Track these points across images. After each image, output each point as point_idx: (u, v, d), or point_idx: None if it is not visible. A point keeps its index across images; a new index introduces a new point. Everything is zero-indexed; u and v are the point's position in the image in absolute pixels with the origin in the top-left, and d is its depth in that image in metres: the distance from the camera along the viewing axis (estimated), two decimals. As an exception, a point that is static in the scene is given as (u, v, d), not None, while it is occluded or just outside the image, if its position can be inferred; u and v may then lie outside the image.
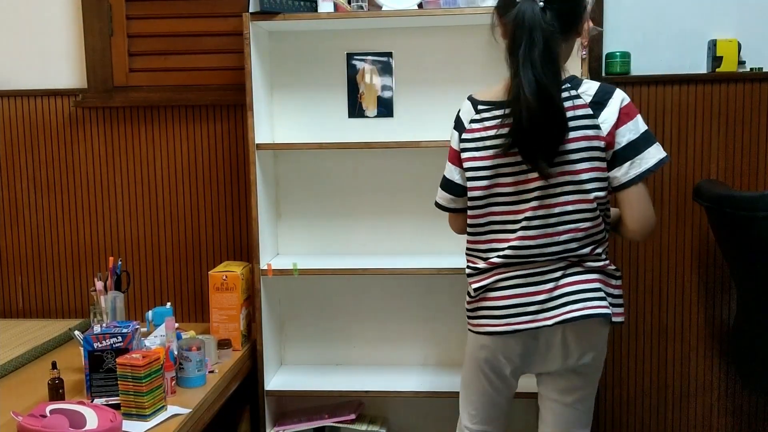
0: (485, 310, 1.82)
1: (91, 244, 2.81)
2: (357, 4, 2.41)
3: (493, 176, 1.77)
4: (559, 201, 1.73)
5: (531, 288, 1.77)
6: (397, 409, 2.67)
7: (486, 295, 1.82)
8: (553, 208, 1.73)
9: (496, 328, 1.80)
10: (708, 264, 2.65)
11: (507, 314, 1.78)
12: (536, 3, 1.66)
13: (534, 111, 1.64)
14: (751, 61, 2.56)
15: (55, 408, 1.71)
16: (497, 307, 1.80)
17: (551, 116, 1.66)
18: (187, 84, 2.75)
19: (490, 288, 1.81)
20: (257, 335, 2.46)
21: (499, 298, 1.79)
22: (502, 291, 1.79)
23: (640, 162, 1.72)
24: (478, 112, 1.80)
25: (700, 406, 2.72)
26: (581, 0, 1.78)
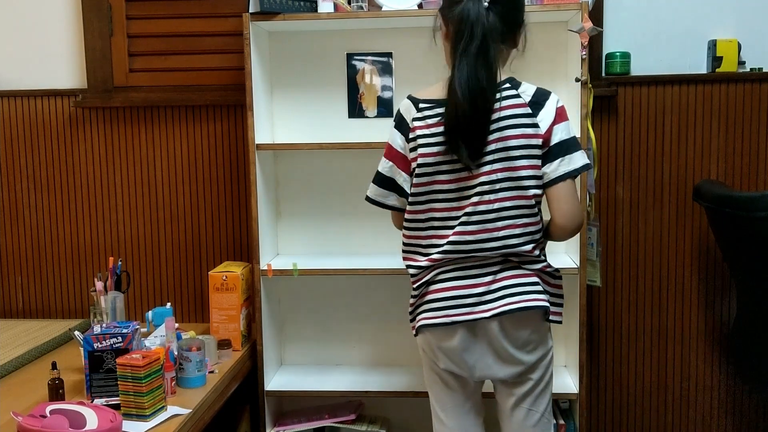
0: (425, 304, 1.85)
1: (91, 244, 2.82)
2: (357, 4, 2.41)
3: (433, 173, 1.80)
4: (499, 197, 1.77)
5: (469, 281, 1.81)
6: (397, 409, 2.67)
7: (426, 289, 1.85)
8: (493, 204, 1.77)
9: (433, 320, 1.82)
10: (708, 264, 2.65)
11: (445, 306, 1.81)
12: (482, 2, 1.72)
13: (463, 107, 1.71)
14: (751, 61, 2.56)
15: (55, 408, 1.71)
16: (436, 299, 1.83)
17: (479, 113, 1.72)
18: (187, 84, 2.75)
19: (431, 282, 1.84)
20: (257, 335, 2.46)
21: (438, 290, 1.83)
22: (441, 284, 1.82)
23: (569, 161, 1.78)
24: (419, 110, 1.82)
25: (700, 407, 2.72)
26: (522, 9, 1.87)
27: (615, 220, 2.66)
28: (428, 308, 1.84)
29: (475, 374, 1.87)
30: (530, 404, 1.90)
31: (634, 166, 2.64)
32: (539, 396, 1.90)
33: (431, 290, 1.84)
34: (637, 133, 2.63)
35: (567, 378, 2.51)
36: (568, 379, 2.50)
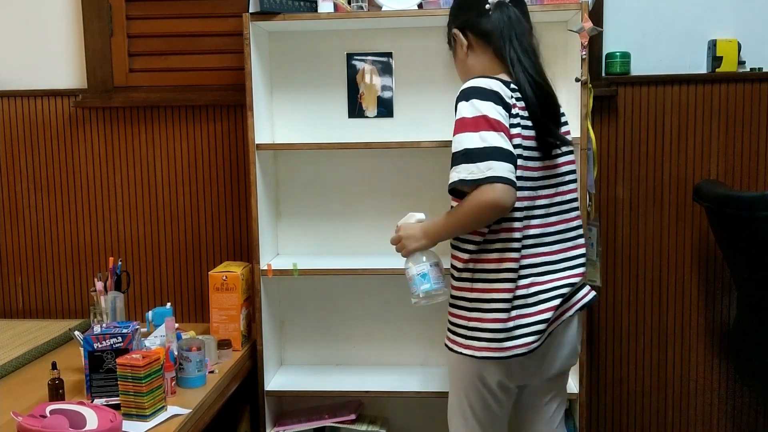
0: (532, 315, 1.81)
1: (91, 244, 2.82)
2: (357, 4, 2.41)
3: (529, 158, 1.78)
4: (571, 188, 1.89)
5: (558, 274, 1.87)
6: (397, 409, 2.67)
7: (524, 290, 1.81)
8: (567, 194, 1.89)
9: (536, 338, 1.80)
10: (708, 264, 2.65)
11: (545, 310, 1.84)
12: (510, 6, 1.84)
13: (546, 93, 1.81)
14: (751, 61, 2.56)
15: (55, 408, 1.71)
16: (538, 302, 1.82)
17: (554, 101, 1.84)
18: (187, 84, 2.75)
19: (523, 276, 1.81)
20: (257, 335, 2.46)
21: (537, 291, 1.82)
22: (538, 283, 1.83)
23: None
24: (512, 90, 1.78)
25: (699, 406, 2.72)
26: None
27: (615, 220, 2.66)
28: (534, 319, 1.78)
29: (545, 375, 1.89)
30: (560, 401, 2.00)
31: (634, 166, 2.64)
32: (565, 394, 2.01)
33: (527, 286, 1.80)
34: (637, 133, 2.63)
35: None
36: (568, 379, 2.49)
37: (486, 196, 1.66)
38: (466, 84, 1.78)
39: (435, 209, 2.58)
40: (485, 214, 1.69)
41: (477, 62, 1.88)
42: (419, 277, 1.87)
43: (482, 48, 1.87)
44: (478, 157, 1.67)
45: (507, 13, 1.81)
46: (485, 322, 1.78)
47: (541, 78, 1.80)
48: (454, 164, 1.71)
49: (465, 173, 1.68)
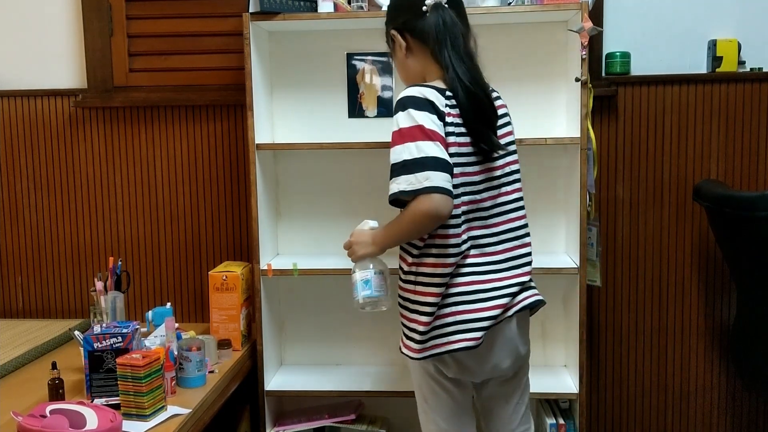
0: (462, 314, 1.83)
1: (91, 244, 2.82)
2: (357, 4, 2.41)
3: (464, 164, 1.80)
4: (515, 188, 1.90)
5: (500, 274, 1.88)
6: (397, 409, 2.67)
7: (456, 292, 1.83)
8: (510, 195, 1.90)
9: (473, 336, 1.82)
10: (708, 264, 2.65)
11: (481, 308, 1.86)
12: (446, 8, 1.83)
13: (480, 99, 1.80)
14: (751, 61, 2.56)
15: (55, 408, 1.71)
16: (470, 303, 1.84)
17: (489, 104, 1.83)
18: (187, 84, 2.75)
19: (459, 282, 1.83)
20: (257, 335, 2.46)
21: (469, 291, 1.84)
22: (472, 282, 1.84)
23: None
24: (447, 98, 1.79)
25: (700, 406, 2.72)
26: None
27: (615, 220, 2.66)
28: (466, 319, 1.80)
29: (485, 374, 1.90)
30: (519, 397, 1.97)
31: (634, 166, 2.64)
32: (525, 389, 1.99)
33: (462, 292, 1.81)
34: (637, 133, 2.63)
35: (567, 378, 2.51)
36: (568, 379, 2.50)
37: (423, 206, 1.69)
38: (402, 93, 1.80)
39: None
40: (423, 224, 1.73)
41: (416, 63, 1.89)
42: (361, 283, 1.92)
43: (420, 50, 1.87)
44: (416, 167, 1.70)
45: (443, 15, 1.81)
46: (418, 323, 1.82)
47: (475, 84, 1.80)
48: (394, 175, 1.75)
49: (405, 184, 1.72)
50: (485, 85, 1.84)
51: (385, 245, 1.89)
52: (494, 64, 2.52)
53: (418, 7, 1.84)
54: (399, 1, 1.96)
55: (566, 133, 2.48)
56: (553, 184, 2.56)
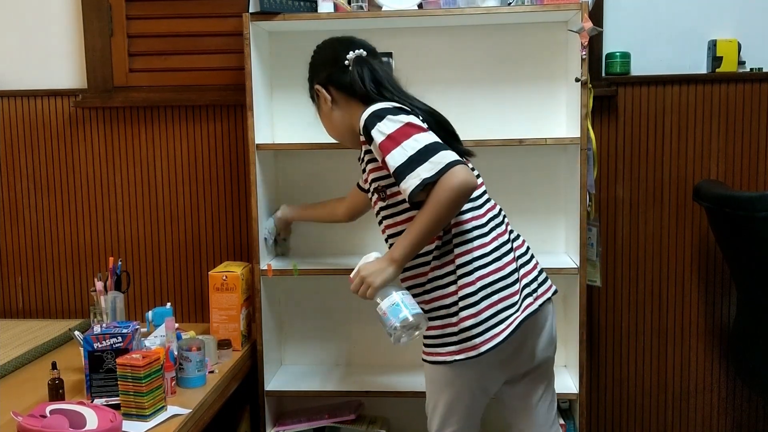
0: (504, 310, 1.84)
1: (91, 244, 2.82)
2: (357, 5, 2.41)
3: None
4: None
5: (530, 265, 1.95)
6: (397, 409, 2.67)
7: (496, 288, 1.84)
8: None
9: (512, 326, 1.83)
10: (708, 264, 2.65)
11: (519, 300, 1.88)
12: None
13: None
14: (751, 61, 2.56)
15: (55, 408, 1.71)
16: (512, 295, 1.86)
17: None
18: (187, 84, 2.75)
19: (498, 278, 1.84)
20: (257, 335, 2.46)
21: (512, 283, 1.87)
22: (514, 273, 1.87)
23: None
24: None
25: (699, 407, 2.72)
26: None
27: (615, 220, 2.66)
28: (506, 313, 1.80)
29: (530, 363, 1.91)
30: (551, 396, 2.00)
31: (634, 166, 2.64)
32: (553, 387, 2.02)
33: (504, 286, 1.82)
34: (637, 133, 2.63)
35: (567, 378, 2.51)
36: (568, 379, 2.50)
37: (453, 181, 1.64)
38: (367, 111, 1.79)
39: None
40: (457, 200, 1.67)
41: (342, 115, 1.97)
42: (392, 309, 1.74)
43: (346, 100, 1.95)
44: (427, 154, 1.67)
45: (367, 65, 1.92)
46: (450, 326, 1.82)
47: (426, 106, 1.90)
48: (406, 174, 1.68)
49: (425, 173, 1.65)
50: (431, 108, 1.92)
51: (409, 255, 1.77)
52: (494, 64, 2.54)
53: (341, 62, 1.94)
54: (321, 58, 2.05)
55: (566, 133, 2.48)
56: (553, 184, 2.56)
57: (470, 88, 2.54)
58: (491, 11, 2.30)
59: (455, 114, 2.00)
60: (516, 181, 2.56)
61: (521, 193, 2.56)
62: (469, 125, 2.52)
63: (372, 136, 1.74)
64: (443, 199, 1.66)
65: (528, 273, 1.88)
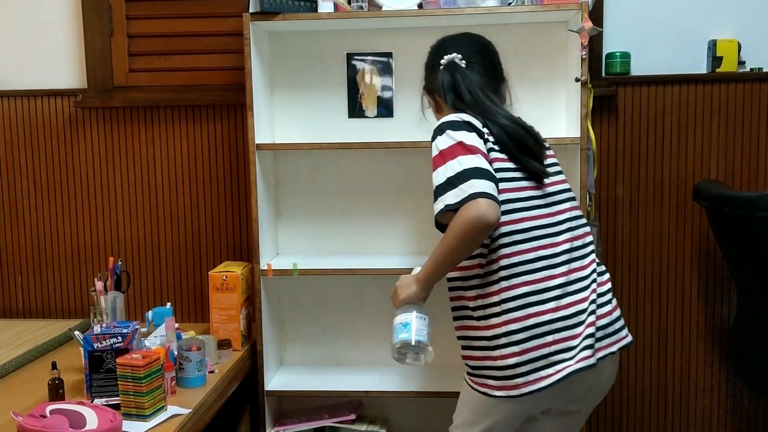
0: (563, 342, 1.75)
1: (91, 244, 2.82)
2: (357, 4, 2.41)
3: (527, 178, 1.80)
4: (566, 207, 1.87)
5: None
6: (397, 409, 2.67)
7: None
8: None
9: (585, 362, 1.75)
10: (708, 264, 2.65)
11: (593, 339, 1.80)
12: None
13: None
14: (751, 61, 2.56)
15: (55, 408, 1.71)
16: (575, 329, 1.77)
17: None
18: (187, 84, 2.75)
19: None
20: (257, 335, 2.46)
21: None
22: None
23: None
24: (483, 125, 1.81)
25: (700, 407, 2.72)
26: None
27: (615, 220, 2.66)
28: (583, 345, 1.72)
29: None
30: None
31: (634, 166, 2.64)
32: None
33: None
34: (637, 133, 2.63)
35: (567, 378, 2.51)
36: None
37: (470, 212, 1.62)
38: (439, 121, 1.81)
39: (435, 209, 2.58)
40: (471, 233, 1.64)
41: (447, 107, 1.93)
42: (400, 326, 1.76)
43: (441, 105, 1.96)
44: (460, 179, 1.67)
45: (454, 70, 1.89)
46: (495, 359, 1.74)
47: (510, 121, 1.82)
48: (439, 194, 1.69)
49: (450, 198, 1.66)
50: (518, 121, 1.85)
51: (430, 277, 1.77)
52: (494, 64, 2.54)
53: (436, 65, 1.95)
54: (427, 61, 2.04)
55: (566, 133, 2.48)
56: (553, 184, 2.55)
57: (470, 88, 2.53)
58: (491, 11, 2.30)
59: (455, 114, 2.01)
60: (516, 181, 2.55)
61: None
62: (469, 125, 2.53)
63: (432, 145, 1.78)
64: (455, 229, 1.65)
65: (601, 317, 1.78)
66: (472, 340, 1.79)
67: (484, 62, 1.93)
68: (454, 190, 1.66)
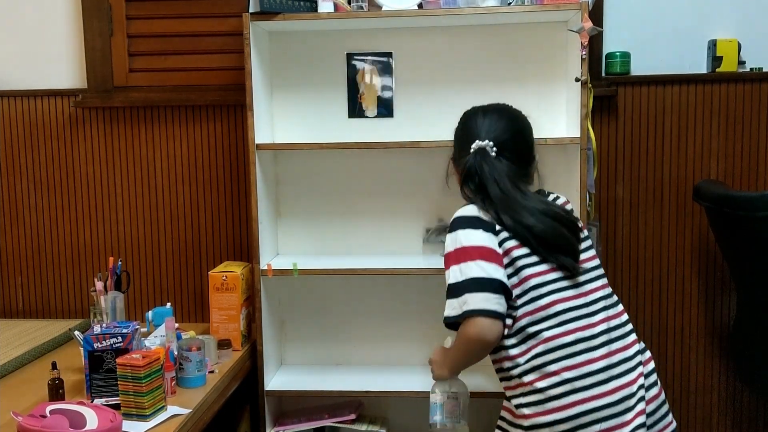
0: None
1: (91, 244, 2.82)
2: (357, 4, 2.41)
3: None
4: (597, 285, 1.81)
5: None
6: (397, 409, 2.67)
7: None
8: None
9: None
10: (708, 264, 2.65)
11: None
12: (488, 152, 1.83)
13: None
14: (751, 61, 2.56)
15: (55, 408, 1.71)
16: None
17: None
18: (187, 84, 2.75)
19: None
20: (257, 335, 2.46)
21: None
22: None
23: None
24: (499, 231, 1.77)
25: (700, 406, 2.72)
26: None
27: (615, 220, 2.66)
28: None
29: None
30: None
31: (634, 166, 2.64)
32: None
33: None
34: (637, 133, 2.63)
35: (567, 378, 2.51)
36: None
37: (468, 331, 1.66)
38: (454, 214, 1.81)
39: (435, 210, 2.59)
40: (472, 350, 1.70)
41: (469, 192, 1.86)
42: (433, 406, 1.92)
43: (468, 188, 1.87)
44: (457, 291, 1.69)
45: (483, 160, 1.80)
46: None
47: (539, 215, 1.74)
48: (447, 298, 1.74)
49: (449, 309, 1.72)
50: (549, 210, 1.77)
51: (453, 369, 1.86)
52: (494, 64, 2.54)
53: (467, 147, 1.85)
54: (458, 132, 1.95)
55: (566, 133, 2.48)
56: (553, 184, 2.54)
57: (470, 88, 2.54)
58: (491, 11, 2.30)
59: (455, 114, 2.00)
60: (516, 181, 2.55)
61: (521, 193, 2.56)
62: (469, 125, 2.53)
63: (446, 240, 1.78)
64: (458, 344, 1.75)
65: (649, 401, 1.71)
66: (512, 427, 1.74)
67: (517, 149, 1.86)
68: (453, 301, 1.71)
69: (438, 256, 2.53)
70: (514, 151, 1.85)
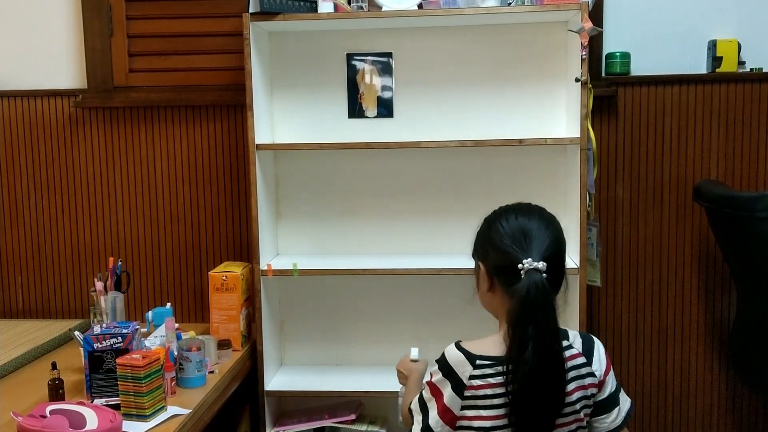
0: None
1: (91, 244, 2.82)
2: (357, 5, 2.41)
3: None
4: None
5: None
6: (397, 409, 2.66)
7: None
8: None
9: None
10: (708, 264, 2.65)
11: None
12: (542, 277, 1.58)
13: (535, 367, 1.54)
14: (751, 61, 2.56)
15: (55, 408, 1.71)
16: None
17: (553, 375, 1.59)
18: (187, 84, 2.75)
19: None
20: (257, 335, 2.46)
21: None
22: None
23: (622, 405, 1.75)
24: (476, 367, 1.57)
25: (699, 407, 2.72)
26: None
27: (615, 220, 2.66)
28: None
29: None
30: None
31: (634, 166, 2.64)
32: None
33: None
34: (637, 133, 2.63)
35: (567, 378, 2.51)
36: None
37: (407, 421, 1.75)
38: (447, 347, 1.64)
39: (435, 209, 2.59)
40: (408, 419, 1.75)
41: (495, 301, 1.68)
42: (401, 406, 1.99)
43: (504, 297, 1.63)
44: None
45: (535, 283, 1.55)
46: None
47: (544, 371, 1.55)
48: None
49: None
50: (551, 367, 1.58)
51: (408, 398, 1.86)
52: (494, 64, 2.54)
53: (512, 259, 1.58)
54: (488, 235, 1.68)
55: (566, 133, 2.48)
56: (553, 184, 2.56)
57: (470, 88, 2.54)
58: (491, 11, 2.30)
59: (455, 114, 2.00)
60: (516, 181, 2.55)
61: (521, 193, 2.55)
62: (469, 125, 2.53)
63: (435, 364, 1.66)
64: (409, 400, 1.79)
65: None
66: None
67: (561, 271, 1.68)
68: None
69: (438, 257, 2.53)
70: (557, 271, 1.64)
